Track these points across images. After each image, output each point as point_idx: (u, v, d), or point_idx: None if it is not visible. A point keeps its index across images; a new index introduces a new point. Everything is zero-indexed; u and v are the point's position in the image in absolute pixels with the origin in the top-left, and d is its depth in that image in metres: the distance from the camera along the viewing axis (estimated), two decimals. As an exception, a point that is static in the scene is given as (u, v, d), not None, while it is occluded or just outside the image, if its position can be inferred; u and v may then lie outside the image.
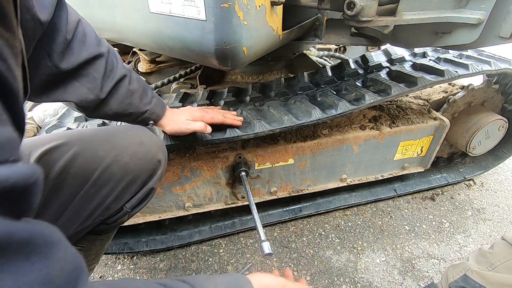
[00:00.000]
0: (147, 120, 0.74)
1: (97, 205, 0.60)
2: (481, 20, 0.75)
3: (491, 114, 1.24)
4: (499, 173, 1.57)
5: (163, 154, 0.70)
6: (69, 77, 0.60)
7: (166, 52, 0.93)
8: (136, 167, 0.63)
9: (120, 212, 0.66)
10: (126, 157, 0.62)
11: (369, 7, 0.69)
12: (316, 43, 1.06)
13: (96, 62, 0.62)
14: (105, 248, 0.79)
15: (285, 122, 0.90)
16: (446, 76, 1.02)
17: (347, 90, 1.04)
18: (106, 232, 0.72)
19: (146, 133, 0.69)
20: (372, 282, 1.09)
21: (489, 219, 1.33)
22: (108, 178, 0.60)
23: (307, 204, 1.34)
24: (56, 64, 0.56)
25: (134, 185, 0.64)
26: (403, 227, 1.30)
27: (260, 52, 0.82)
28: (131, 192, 0.65)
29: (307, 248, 1.21)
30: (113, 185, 0.61)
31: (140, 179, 0.65)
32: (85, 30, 0.60)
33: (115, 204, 0.63)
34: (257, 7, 0.71)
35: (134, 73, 0.72)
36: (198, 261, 1.18)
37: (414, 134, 1.19)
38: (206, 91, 1.09)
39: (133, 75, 0.71)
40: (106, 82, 0.64)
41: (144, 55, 1.28)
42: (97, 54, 0.62)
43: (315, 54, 1.64)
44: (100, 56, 0.62)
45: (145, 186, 0.67)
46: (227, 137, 0.87)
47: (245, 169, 1.01)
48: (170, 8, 0.73)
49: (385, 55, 1.28)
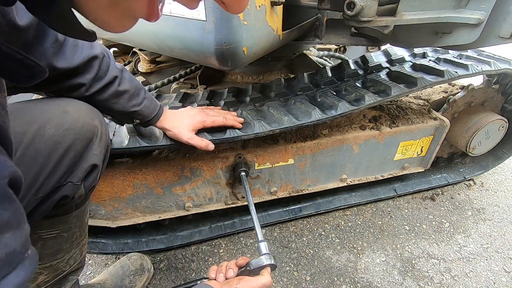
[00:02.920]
0: (132, 118, 0.76)
1: (28, 184, 0.54)
2: (481, 20, 0.75)
3: (491, 114, 1.24)
4: (499, 173, 1.57)
5: (98, 120, 0.66)
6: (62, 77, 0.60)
7: (166, 52, 0.93)
8: (65, 138, 0.58)
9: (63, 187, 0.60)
10: (50, 129, 0.57)
11: (369, 7, 0.69)
12: (316, 43, 1.06)
13: (90, 64, 0.62)
14: (86, 222, 0.78)
15: (285, 123, 0.90)
16: (446, 77, 1.02)
17: (347, 91, 1.04)
18: (68, 212, 0.69)
19: (71, 102, 0.64)
20: (372, 282, 1.09)
21: (489, 219, 1.33)
22: (34, 155, 0.55)
23: (307, 204, 1.34)
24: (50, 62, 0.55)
25: (67, 157, 0.59)
26: (403, 227, 1.30)
27: (260, 52, 0.83)
28: (67, 166, 0.59)
29: (307, 248, 1.21)
30: (42, 161, 0.55)
31: (74, 150, 0.60)
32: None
33: (50, 180, 0.57)
34: (257, 7, 0.71)
35: (127, 73, 0.72)
36: (198, 261, 1.18)
37: (414, 134, 1.19)
38: (206, 91, 1.09)
39: (125, 75, 0.70)
40: (95, 84, 0.64)
41: (144, 55, 1.28)
42: (91, 57, 0.61)
43: (315, 54, 1.64)
44: (93, 59, 0.62)
45: (84, 157, 0.62)
46: (227, 137, 0.87)
47: (245, 169, 1.01)
48: (170, 8, 0.73)
49: (385, 55, 1.28)
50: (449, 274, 1.11)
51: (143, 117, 0.76)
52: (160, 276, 1.12)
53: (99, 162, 0.66)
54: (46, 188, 0.57)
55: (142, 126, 0.81)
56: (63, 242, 0.71)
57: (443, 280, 1.09)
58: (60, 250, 0.71)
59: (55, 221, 0.67)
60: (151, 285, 1.10)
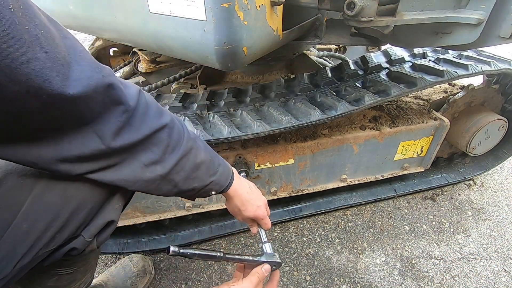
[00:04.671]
0: (208, 191, 0.64)
1: (35, 239, 0.47)
2: (481, 20, 0.74)
3: (491, 114, 1.24)
4: (499, 173, 1.57)
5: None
6: (124, 154, 0.49)
7: (166, 52, 0.93)
8: (80, 191, 0.49)
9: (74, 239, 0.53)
10: (64, 181, 0.48)
11: (369, 7, 0.69)
12: (316, 43, 1.06)
13: (157, 135, 0.51)
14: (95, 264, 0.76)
15: (285, 123, 0.90)
16: (445, 77, 1.02)
17: (347, 91, 1.04)
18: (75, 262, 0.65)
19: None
20: (372, 282, 1.09)
21: (489, 219, 1.33)
22: (43, 208, 0.47)
23: (307, 204, 1.34)
24: (108, 144, 0.45)
25: (81, 212, 0.50)
26: (403, 227, 1.30)
27: (260, 52, 0.82)
28: (80, 219, 0.51)
29: (307, 248, 1.21)
30: (51, 216, 0.47)
31: (89, 203, 0.51)
32: (147, 99, 0.50)
33: (60, 235, 0.50)
34: (257, 7, 0.71)
35: (199, 140, 0.62)
36: (198, 261, 1.18)
37: (414, 134, 1.19)
38: (206, 91, 1.09)
39: (199, 143, 0.61)
40: (169, 156, 0.53)
41: (144, 55, 1.28)
42: (159, 127, 0.51)
43: (315, 54, 1.64)
44: (162, 128, 0.51)
45: (101, 212, 0.54)
46: (227, 137, 0.87)
47: (245, 169, 1.01)
48: (170, 8, 0.73)
49: (385, 56, 1.28)
50: (449, 274, 1.11)
51: (220, 186, 0.65)
52: (160, 276, 1.12)
53: (116, 217, 0.57)
54: (57, 241, 0.50)
55: (203, 197, 0.68)
56: (79, 274, 0.70)
57: (443, 280, 1.09)
58: (74, 281, 0.70)
59: (74, 260, 0.64)
60: (151, 285, 1.10)
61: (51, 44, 0.36)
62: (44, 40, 0.35)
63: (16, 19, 0.32)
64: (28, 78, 0.33)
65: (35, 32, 0.34)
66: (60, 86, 0.36)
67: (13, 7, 0.31)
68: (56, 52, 0.36)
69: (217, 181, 0.64)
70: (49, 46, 0.35)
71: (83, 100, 0.39)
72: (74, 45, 0.40)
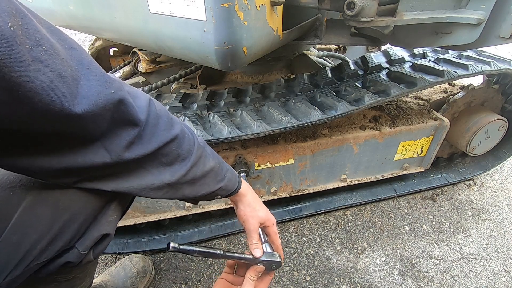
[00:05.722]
0: (214, 196, 0.64)
1: (26, 251, 0.46)
2: (481, 20, 0.74)
3: (491, 114, 1.24)
4: (499, 173, 1.57)
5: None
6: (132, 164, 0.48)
7: (166, 52, 0.93)
8: (72, 202, 0.47)
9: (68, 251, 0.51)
10: (56, 191, 0.46)
11: (369, 7, 0.69)
12: (316, 43, 1.06)
13: (167, 147, 0.50)
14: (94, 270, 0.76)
15: (285, 123, 0.90)
16: (445, 77, 1.02)
17: (347, 91, 1.04)
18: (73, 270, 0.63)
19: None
20: (372, 282, 1.09)
21: (489, 219, 1.33)
22: (34, 220, 0.45)
23: (307, 204, 1.34)
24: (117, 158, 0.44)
25: (73, 224, 0.48)
26: (403, 227, 1.30)
27: (260, 52, 0.82)
28: (73, 231, 0.49)
29: (307, 248, 1.21)
30: (42, 228, 0.46)
31: (82, 215, 0.49)
32: (157, 110, 0.49)
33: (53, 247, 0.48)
34: (257, 7, 0.71)
35: (208, 147, 0.62)
36: (198, 261, 1.18)
37: (414, 134, 1.19)
38: (206, 91, 1.09)
39: (207, 150, 0.60)
40: (178, 166, 0.53)
41: (144, 55, 1.28)
42: (170, 139, 0.50)
43: (315, 54, 1.64)
44: (172, 140, 0.50)
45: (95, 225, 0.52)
46: (227, 137, 0.87)
47: (245, 169, 1.01)
48: (170, 8, 0.73)
49: (385, 56, 1.28)
50: (449, 274, 1.11)
51: (226, 192, 0.65)
52: (160, 276, 1.12)
53: (111, 230, 0.55)
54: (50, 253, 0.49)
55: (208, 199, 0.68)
56: (77, 280, 0.69)
57: (443, 280, 1.09)
58: (73, 287, 0.70)
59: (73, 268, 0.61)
60: (152, 285, 1.10)
61: (55, 61, 0.33)
62: (48, 58, 0.32)
63: (17, 38, 0.29)
64: (32, 101, 0.31)
65: (37, 50, 0.31)
66: (67, 107, 0.34)
67: (12, 25, 0.29)
68: (61, 69, 0.34)
69: (224, 187, 0.63)
70: (53, 64, 0.33)
71: (90, 118, 0.38)
72: (81, 56, 0.38)
